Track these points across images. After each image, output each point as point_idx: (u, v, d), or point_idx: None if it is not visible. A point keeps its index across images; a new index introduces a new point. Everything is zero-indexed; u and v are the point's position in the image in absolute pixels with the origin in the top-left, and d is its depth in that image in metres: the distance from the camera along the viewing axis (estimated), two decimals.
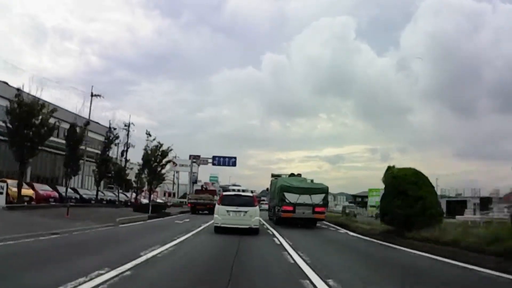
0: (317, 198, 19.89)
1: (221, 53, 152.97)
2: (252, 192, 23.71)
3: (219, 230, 13.63)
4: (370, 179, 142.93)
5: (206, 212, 30.57)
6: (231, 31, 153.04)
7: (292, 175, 27.26)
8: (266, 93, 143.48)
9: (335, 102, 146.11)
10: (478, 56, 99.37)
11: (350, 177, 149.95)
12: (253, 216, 13.85)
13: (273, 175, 30.22)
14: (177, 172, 61.94)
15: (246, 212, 13.75)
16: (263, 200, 40.00)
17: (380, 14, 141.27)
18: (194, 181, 60.36)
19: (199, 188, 42.50)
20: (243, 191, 24.92)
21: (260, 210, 16.54)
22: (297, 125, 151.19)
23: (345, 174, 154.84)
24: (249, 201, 14.44)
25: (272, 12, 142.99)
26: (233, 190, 31.86)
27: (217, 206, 14.37)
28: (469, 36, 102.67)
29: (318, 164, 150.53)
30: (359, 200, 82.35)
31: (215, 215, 14.03)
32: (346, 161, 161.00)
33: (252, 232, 13.63)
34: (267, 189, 31.58)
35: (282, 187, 20.29)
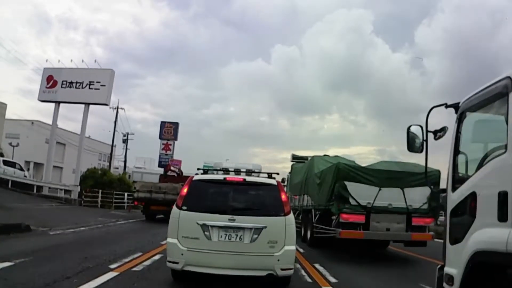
0: (418, 196, 9.30)
1: (230, 47, 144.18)
2: (270, 176, 6.10)
3: (181, 276, 5.52)
4: None
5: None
6: (240, 24, 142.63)
7: (326, 156, 16.45)
8: (276, 89, 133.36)
9: (345, 99, 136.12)
10: (497, 55, 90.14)
11: None
12: (279, 243, 5.16)
13: (295, 158, 18.94)
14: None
15: (259, 230, 5.11)
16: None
17: (395, 8, 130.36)
18: (164, 163, 37.17)
19: (167, 172, 24.23)
20: (248, 172, 6.57)
21: None
22: (305, 123, 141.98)
23: None
24: (267, 199, 5.58)
25: (283, 4, 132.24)
26: (225, 170, 6.84)
27: (175, 211, 5.45)
28: (489, 34, 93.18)
29: None
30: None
31: (169, 239, 5.35)
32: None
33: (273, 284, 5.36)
34: (283, 179, 20.73)
35: (340, 170, 9.37)
